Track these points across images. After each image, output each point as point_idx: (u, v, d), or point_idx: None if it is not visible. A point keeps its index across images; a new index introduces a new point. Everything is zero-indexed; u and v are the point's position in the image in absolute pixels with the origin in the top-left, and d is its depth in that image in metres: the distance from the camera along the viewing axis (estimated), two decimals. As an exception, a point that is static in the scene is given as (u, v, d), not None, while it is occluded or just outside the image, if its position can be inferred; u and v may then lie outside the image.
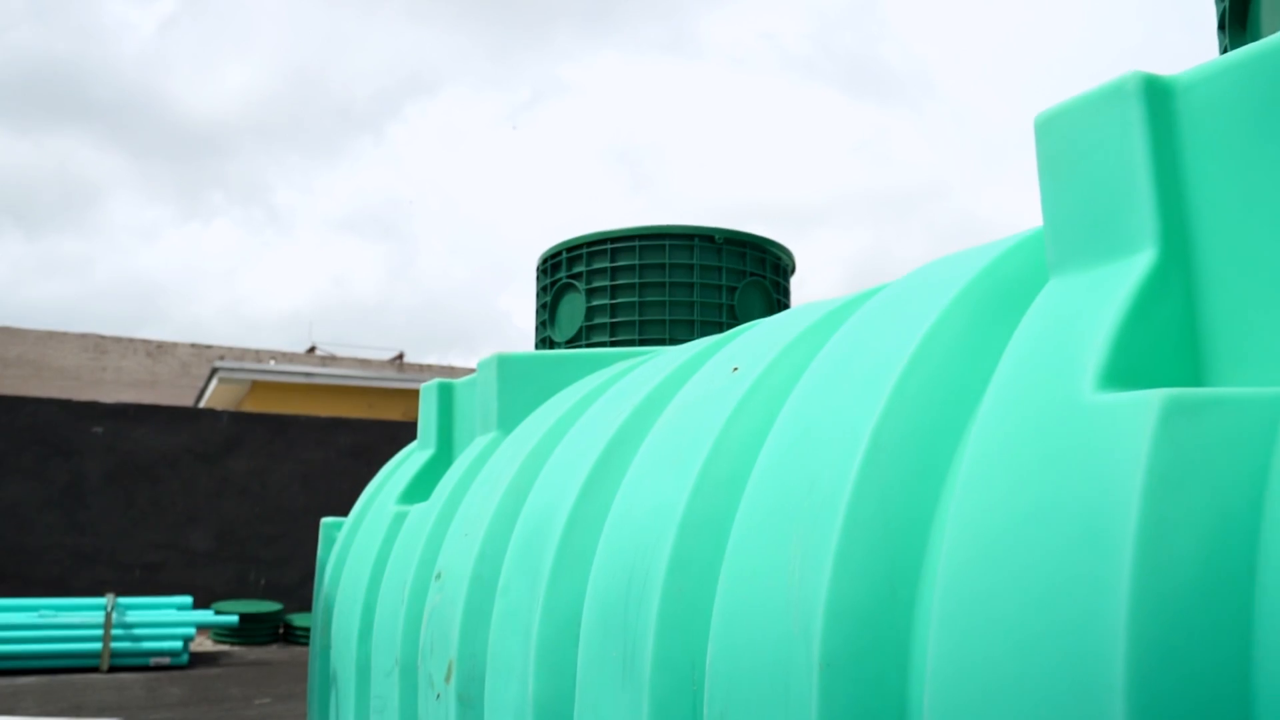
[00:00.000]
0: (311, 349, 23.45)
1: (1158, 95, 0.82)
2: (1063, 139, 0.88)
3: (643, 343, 2.09)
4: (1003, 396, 0.80)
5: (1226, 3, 1.12)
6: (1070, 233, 0.86)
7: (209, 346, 22.70)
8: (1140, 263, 0.80)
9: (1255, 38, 1.07)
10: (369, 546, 2.03)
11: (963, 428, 0.87)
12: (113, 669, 7.26)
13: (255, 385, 13.34)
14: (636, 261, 2.10)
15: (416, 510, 1.93)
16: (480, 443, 1.90)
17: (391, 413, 13.15)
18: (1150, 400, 0.67)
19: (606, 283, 2.11)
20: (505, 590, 1.41)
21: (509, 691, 1.35)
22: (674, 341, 2.09)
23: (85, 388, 20.94)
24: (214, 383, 13.39)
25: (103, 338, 21.94)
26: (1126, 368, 0.75)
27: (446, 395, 2.15)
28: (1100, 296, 0.80)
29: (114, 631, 7.31)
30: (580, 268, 2.18)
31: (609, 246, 2.12)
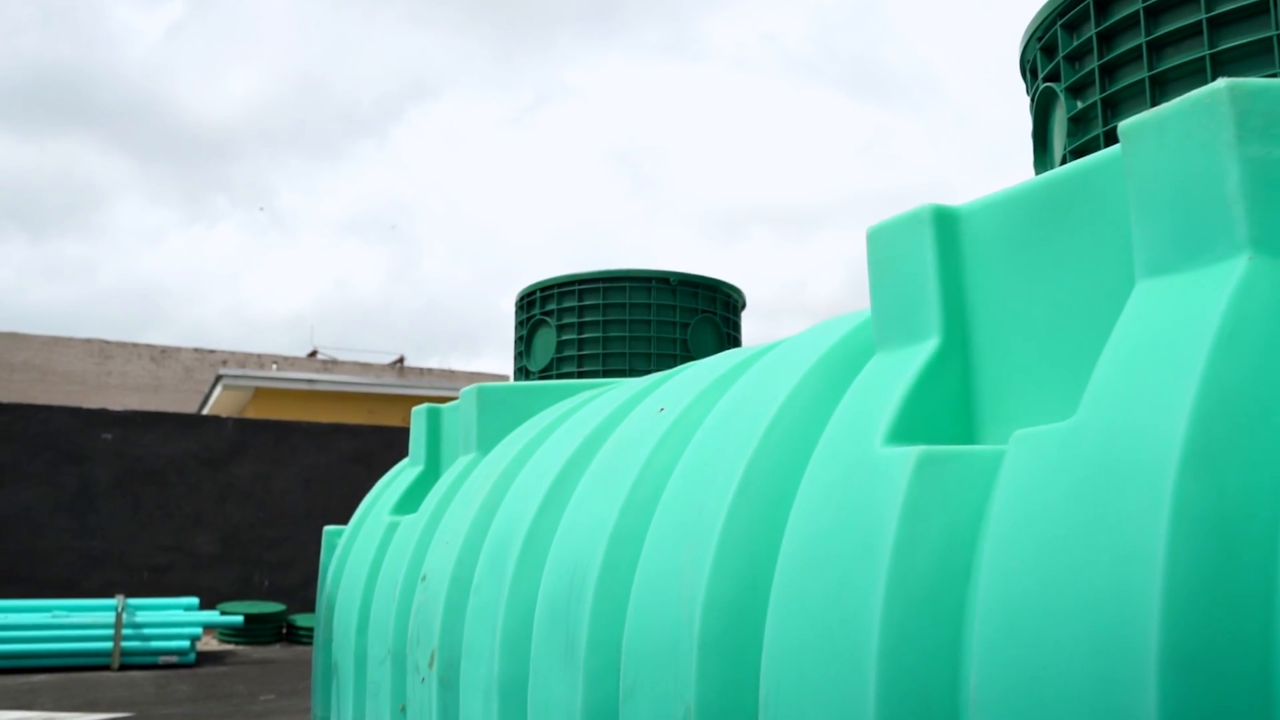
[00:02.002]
0: (313, 353, 23.75)
1: (945, 221, 1.11)
2: (881, 249, 1.16)
3: (606, 374, 2.38)
4: (826, 446, 1.08)
5: (1034, 124, 1.41)
6: (885, 320, 1.15)
7: (212, 351, 23.01)
8: (927, 348, 1.08)
9: (1051, 156, 1.36)
10: (366, 552, 2.32)
11: (805, 468, 1.15)
12: (123, 667, 7.55)
13: (258, 392, 13.66)
14: (600, 301, 2.39)
15: (407, 521, 2.21)
16: (462, 462, 2.18)
17: (391, 418, 13.45)
18: (910, 454, 0.96)
19: (574, 320, 2.40)
20: (477, 590, 1.70)
21: (479, 673, 1.64)
22: (634, 372, 2.37)
23: (90, 392, 21.25)
24: (218, 389, 13.72)
25: (107, 343, 22.25)
26: (910, 428, 1.04)
27: (434, 419, 2.44)
28: (897, 372, 1.08)
29: (124, 631, 7.60)
30: (552, 305, 2.46)
31: (576, 288, 2.41)
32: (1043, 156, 1.33)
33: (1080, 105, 1.20)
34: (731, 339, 2.54)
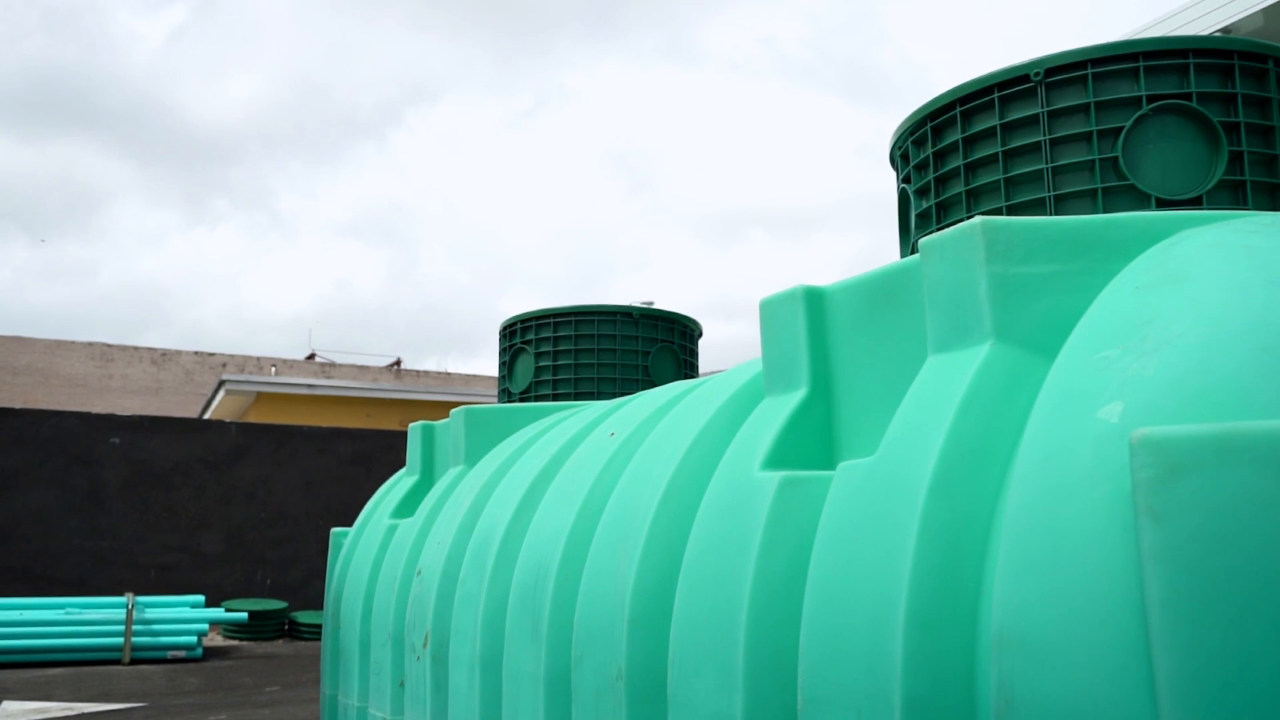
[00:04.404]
0: (311, 355, 24.07)
1: (814, 298, 1.45)
2: (768, 316, 1.50)
3: (577, 396, 2.73)
4: (723, 470, 1.43)
5: (899, 213, 1.75)
6: (770, 372, 1.49)
7: (211, 354, 23.33)
8: (798, 394, 1.43)
9: (910, 242, 1.70)
10: (368, 551, 2.66)
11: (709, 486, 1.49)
12: (134, 661, 7.89)
13: (260, 396, 14.03)
14: (573, 332, 2.73)
15: (404, 524, 2.56)
16: (452, 473, 2.52)
17: (388, 422, 13.80)
18: (775, 478, 1.30)
19: (550, 348, 2.75)
20: (463, 582, 2.04)
21: (464, 651, 1.98)
22: (601, 395, 2.72)
23: (92, 395, 21.56)
24: (221, 394, 14.07)
25: (109, 346, 22.56)
26: (782, 457, 1.38)
27: (429, 434, 2.78)
28: (776, 413, 1.43)
29: (134, 627, 7.94)
30: (531, 335, 2.81)
31: (552, 320, 2.76)
32: (905, 240, 1.68)
33: (924, 205, 1.55)
34: (689, 364, 2.88)
